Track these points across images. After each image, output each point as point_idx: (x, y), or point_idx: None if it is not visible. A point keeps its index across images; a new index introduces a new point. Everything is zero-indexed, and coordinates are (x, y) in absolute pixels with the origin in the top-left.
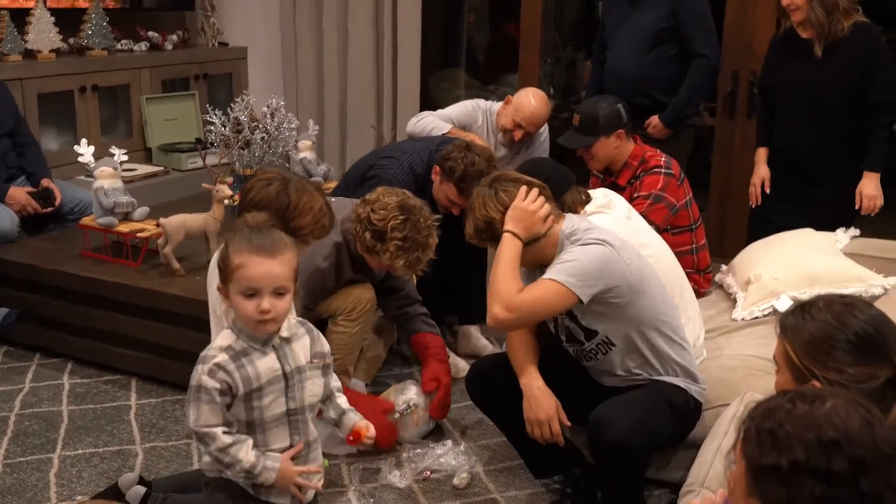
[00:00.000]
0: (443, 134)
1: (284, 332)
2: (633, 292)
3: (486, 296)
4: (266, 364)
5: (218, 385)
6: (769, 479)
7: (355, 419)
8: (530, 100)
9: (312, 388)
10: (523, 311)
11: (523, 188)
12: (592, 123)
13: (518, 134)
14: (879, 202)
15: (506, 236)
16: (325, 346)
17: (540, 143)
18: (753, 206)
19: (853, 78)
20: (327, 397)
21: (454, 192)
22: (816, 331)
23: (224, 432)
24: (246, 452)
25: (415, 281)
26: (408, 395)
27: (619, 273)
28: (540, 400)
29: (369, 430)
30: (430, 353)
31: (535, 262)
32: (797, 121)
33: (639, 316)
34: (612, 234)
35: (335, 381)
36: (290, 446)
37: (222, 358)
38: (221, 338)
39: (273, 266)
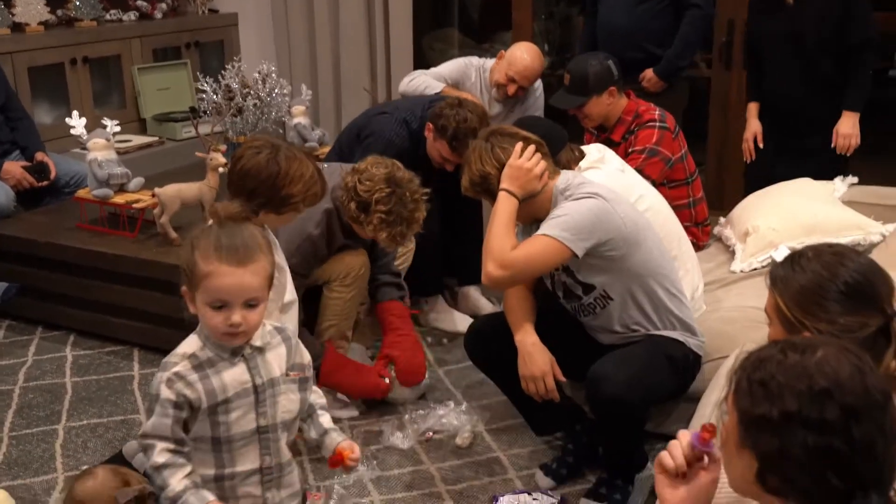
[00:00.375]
0: (436, 93)
1: (257, 341)
2: (629, 245)
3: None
4: (234, 375)
5: (173, 397)
6: (761, 430)
7: (338, 440)
8: (523, 53)
9: (287, 403)
10: (517, 268)
11: (519, 145)
12: (583, 82)
13: (511, 88)
14: (854, 141)
15: (501, 195)
16: (305, 357)
17: (535, 99)
18: (748, 161)
19: (830, 20)
20: (308, 415)
21: (447, 150)
22: (807, 282)
23: (165, 449)
24: (177, 480)
25: (414, 244)
26: None
27: (612, 226)
28: (534, 356)
29: (353, 451)
30: (386, 326)
31: (530, 218)
32: (782, 71)
33: (635, 269)
34: (606, 188)
35: (319, 398)
36: (260, 468)
37: (183, 367)
38: (187, 343)
39: (244, 276)
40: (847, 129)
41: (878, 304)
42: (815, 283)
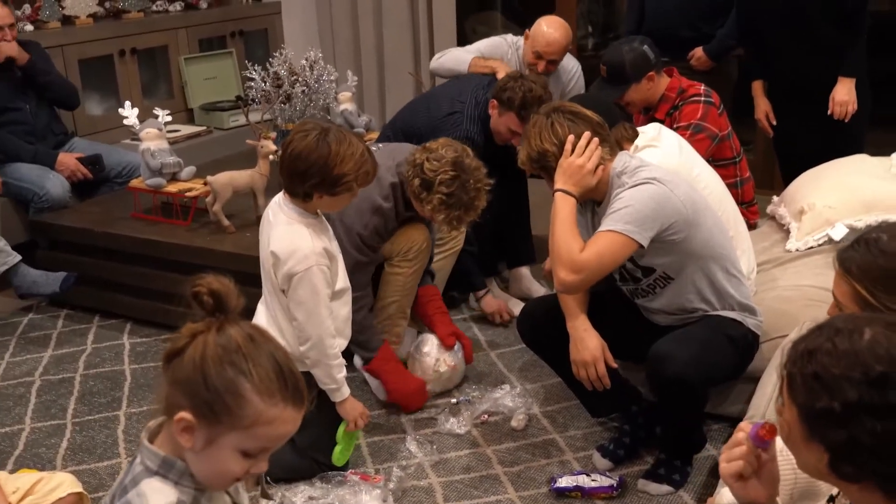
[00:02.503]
0: (468, 66)
1: None
2: (690, 226)
3: (530, 238)
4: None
5: None
6: (825, 423)
7: None
8: (543, 28)
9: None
10: (589, 269)
11: (570, 140)
12: (620, 72)
13: (541, 65)
14: (851, 108)
15: (558, 196)
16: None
17: (575, 80)
18: (770, 136)
19: None
20: None
21: (515, 122)
22: (889, 264)
23: None
24: None
25: (464, 237)
26: (432, 353)
27: (673, 210)
28: (585, 341)
29: None
30: (434, 309)
31: (586, 197)
32: (785, 45)
33: (696, 250)
34: (662, 170)
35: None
36: None
37: None
38: (160, 493)
39: (300, 418)
40: (843, 95)
41: None
42: None
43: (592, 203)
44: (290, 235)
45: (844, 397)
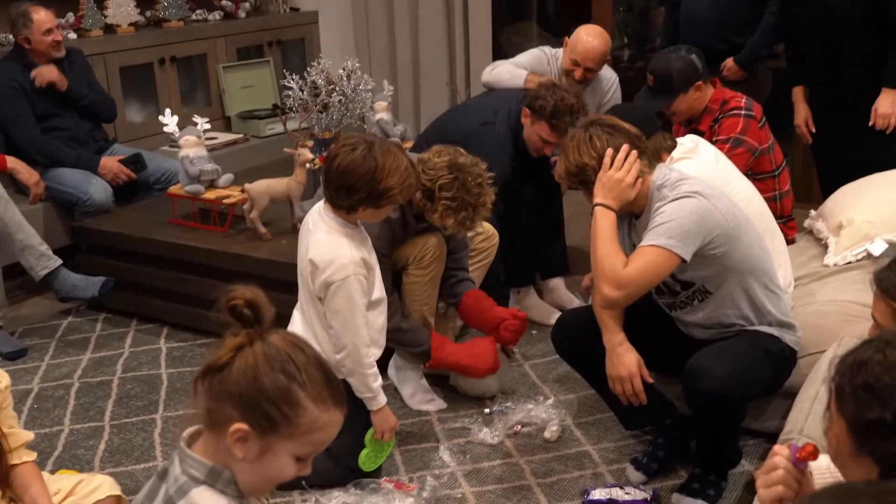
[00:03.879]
0: (524, 83)
1: None
2: (731, 240)
3: (565, 249)
4: None
5: None
6: (876, 435)
7: None
8: (583, 35)
9: None
10: (634, 284)
11: (608, 154)
12: (667, 81)
13: (578, 72)
14: (894, 120)
15: (598, 210)
16: None
17: (613, 91)
18: (809, 143)
19: None
20: None
21: (546, 130)
22: None
23: None
24: None
25: (497, 240)
26: None
27: (715, 224)
28: (622, 357)
29: None
30: (489, 304)
31: (625, 209)
32: (822, 53)
33: (736, 265)
34: (703, 184)
35: None
36: None
37: None
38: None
39: (342, 420)
40: (886, 108)
41: None
42: None
43: (630, 215)
44: (329, 244)
45: None
